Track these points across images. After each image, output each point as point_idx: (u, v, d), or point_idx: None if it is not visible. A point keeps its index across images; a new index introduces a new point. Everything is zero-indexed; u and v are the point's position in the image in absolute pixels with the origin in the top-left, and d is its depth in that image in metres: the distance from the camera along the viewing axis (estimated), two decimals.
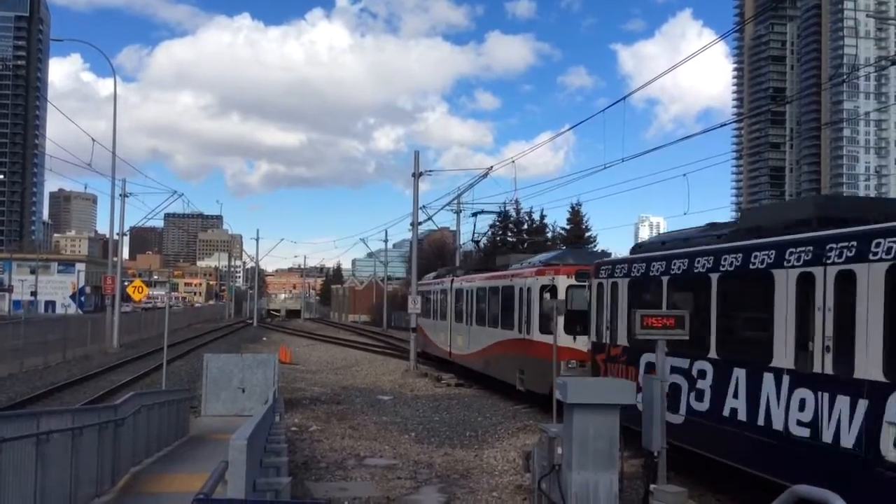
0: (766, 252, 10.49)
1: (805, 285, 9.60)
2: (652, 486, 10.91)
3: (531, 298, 20.85)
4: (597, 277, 16.17)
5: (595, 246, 56.54)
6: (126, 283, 41.54)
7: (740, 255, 11.11)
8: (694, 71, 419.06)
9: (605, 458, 9.35)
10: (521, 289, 21.81)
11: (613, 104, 23.19)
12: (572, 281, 19.77)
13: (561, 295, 19.59)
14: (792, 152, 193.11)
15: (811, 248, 9.60)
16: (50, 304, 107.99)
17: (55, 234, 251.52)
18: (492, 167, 33.96)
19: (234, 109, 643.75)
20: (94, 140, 36.71)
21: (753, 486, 12.18)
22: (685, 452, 12.21)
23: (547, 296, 19.52)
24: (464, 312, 28.29)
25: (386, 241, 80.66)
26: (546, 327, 19.43)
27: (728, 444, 11.31)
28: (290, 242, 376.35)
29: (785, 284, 9.98)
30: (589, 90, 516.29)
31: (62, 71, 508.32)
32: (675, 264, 13.09)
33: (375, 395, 25.02)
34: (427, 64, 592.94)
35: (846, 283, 8.88)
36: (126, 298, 43.32)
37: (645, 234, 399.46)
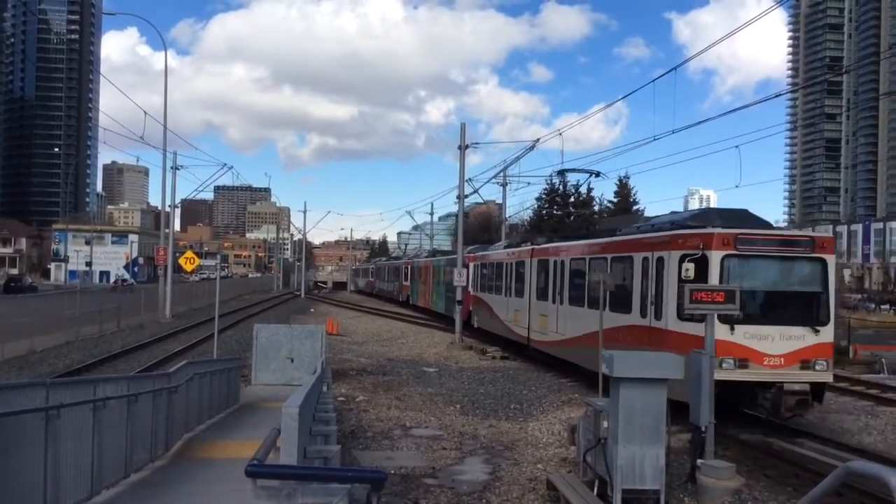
0: None
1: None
2: (699, 461, 10.86)
3: (666, 273, 15.61)
4: None
5: None
6: (178, 255, 42.32)
7: None
8: (752, 40, 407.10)
9: (652, 433, 9.33)
10: (646, 259, 16.69)
11: (663, 74, 22.71)
12: (731, 250, 14.61)
13: (714, 269, 14.44)
14: (848, 123, 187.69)
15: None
16: (104, 275, 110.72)
17: (109, 206, 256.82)
18: (538, 140, 33.59)
19: (286, 82, 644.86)
20: (146, 113, 37.28)
21: (797, 464, 12.06)
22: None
23: (688, 267, 14.62)
24: (550, 289, 23.59)
25: (432, 213, 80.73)
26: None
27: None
28: (337, 215, 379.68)
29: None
30: (646, 61, 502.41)
31: (119, 45, 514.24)
32: None
33: (421, 367, 25.22)
34: (480, 36, 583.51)
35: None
36: (178, 269, 44.16)
37: (695, 208, 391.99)
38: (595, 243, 20.60)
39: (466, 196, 36.54)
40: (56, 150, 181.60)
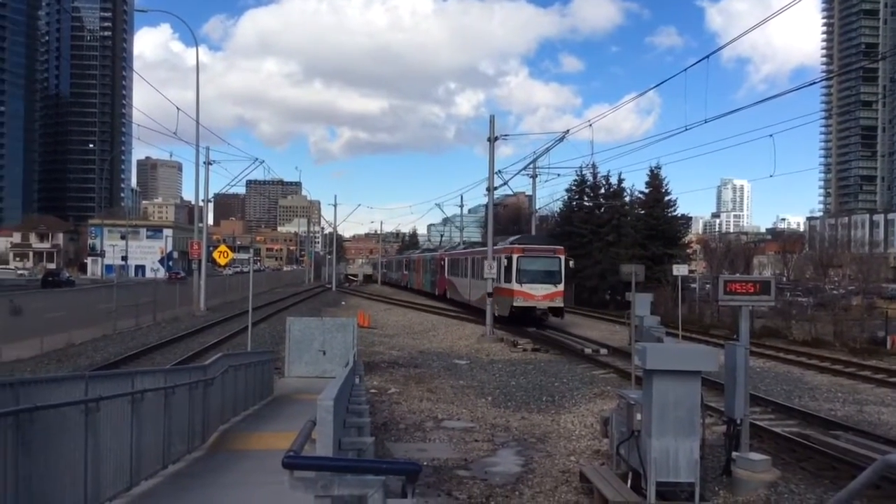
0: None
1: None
2: (734, 454, 10.77)
3: (501, 264, 35.01)
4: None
5: (674, 210, 55.25)
6: (211, 249, 42.72)
7: None
8: (786, 28, 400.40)
9: (686, 425, 9.25)
10: (499, 258, 35.41)
11: (695, 63, 22.69)
12: (521, 255, 34.81)
13: (514, 263, 34.55)
14: (884, 111, 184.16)
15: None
16: (140, 269, 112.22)
17: (143, 201, 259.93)
18: (568, 131, 33.49)
19: (317, 76, 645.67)
20: (178, 109, 37.63)
21: (834, 456, 11.89)
22: None
23: (505, 262, 34.89)
24: (477, 273, 41.08)
25: (461, 206, 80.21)
26: (507, 279, 34.67)
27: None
28: (367, 208, 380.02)
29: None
30: (679, 50, 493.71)
31: (152, 41, 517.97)
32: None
33: (452, 360, 25.28)
34: (510, 27, 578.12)
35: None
36: (212, 263, 44.64)
37: (728, 198, 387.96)
38: (485, 250, 36.71)
39: (496, 188, 36.61)
40: (91, 146, 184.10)
